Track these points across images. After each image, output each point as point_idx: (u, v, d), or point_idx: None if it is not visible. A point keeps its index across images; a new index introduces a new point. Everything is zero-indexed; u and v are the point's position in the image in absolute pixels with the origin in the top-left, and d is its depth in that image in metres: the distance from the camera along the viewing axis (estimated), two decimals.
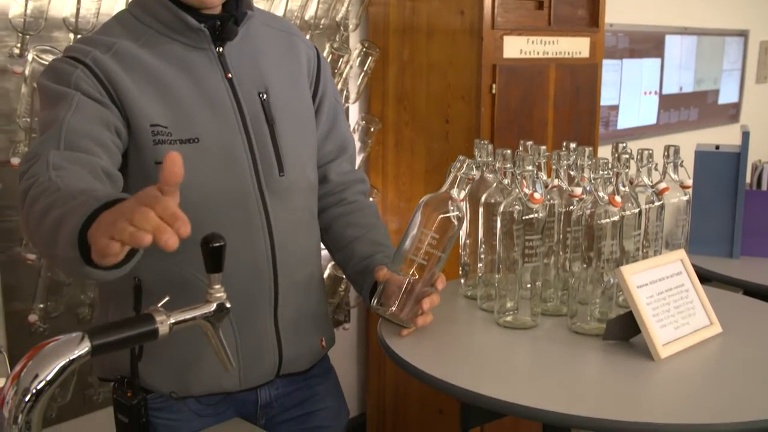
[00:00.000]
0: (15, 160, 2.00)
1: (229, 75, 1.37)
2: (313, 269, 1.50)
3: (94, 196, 1.01)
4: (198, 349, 1.35)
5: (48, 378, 0.79)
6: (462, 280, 1.70)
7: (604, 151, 1.56)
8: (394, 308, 1.37)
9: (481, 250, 1.59)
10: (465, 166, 1.38)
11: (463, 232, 1.66)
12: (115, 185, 1.23)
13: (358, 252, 1.51)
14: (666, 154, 1.67)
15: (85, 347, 0.82)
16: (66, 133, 1.19)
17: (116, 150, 1.26)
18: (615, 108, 4.10)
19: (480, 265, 1.60)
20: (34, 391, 0.79)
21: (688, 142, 2.05)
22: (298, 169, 1.43)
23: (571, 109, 2.99)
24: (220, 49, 1.37)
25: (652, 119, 4.42)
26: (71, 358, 0.81)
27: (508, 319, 1.50)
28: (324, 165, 1.56)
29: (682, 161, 1.68)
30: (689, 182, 1.70)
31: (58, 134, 1.19)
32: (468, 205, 1.63)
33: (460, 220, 1.38)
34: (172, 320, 0.89)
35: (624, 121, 4.18)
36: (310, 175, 1.49)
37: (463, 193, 1.41)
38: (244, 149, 1.35)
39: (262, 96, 1.40)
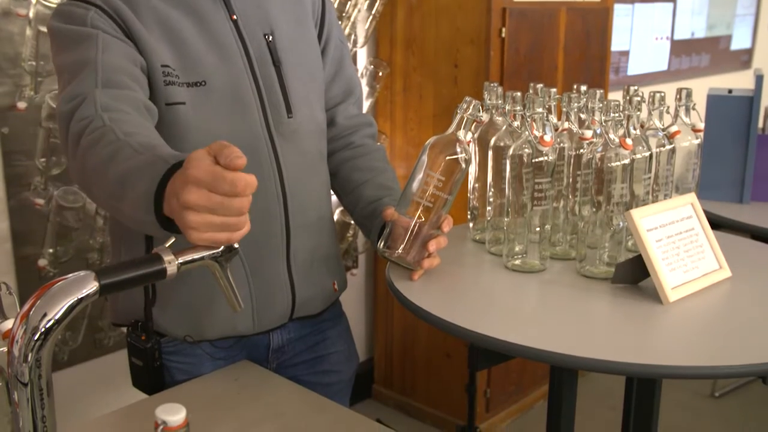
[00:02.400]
0: (21, 105, 1.99)
1: (234, 17, 1.35)
2: (324, 211, 1.50)
3: (161, 156, 1.00)
4: (212, 293, 1.35)
5: (57, 317, 0.79)
6: (470, 224, 1.69)
7: (615, 97, 1.54)
8: (400, 251, 1.37)
9: (490, 193, 1.58)
10: (471, 107, 1.36)
11: (471, 176, 1.65)
12: (154, 120, 1.24)
13: (366, 196, 1.50)
14: (678, 97, 1.65)
15: (93, 286, 0.82)
16: (102, 71, 1.19)
17: (146, 85, 1.26)
18: (626, 54, 4.04)
19: (488, 208, 1.59)
20: (43, 329, 0.79)
21: (700, 88, 2.02)
22: (306, 110, 1.42)
23: (581, 54, 2.95)
24: None
25: (663, 65, 4.37)
26: (79, 296, 0.81)
27: (517, 262, 1.50)
28: (331, 108, 1.55)
29: (694, 104, 1.66)
30: (701, 126, 1.68)
31: (94, 73, 1.18)
32: (477, 149, 1.61)
33: (467, 161, 1.37)
34: (181, 260, 0.89)
35: (634, 67, 4.13)
36: (318, 117, 1.48)
37: (469, 135, 1.39)
38: (251, 91, 1.35)
39: (268, 37, 1.38)
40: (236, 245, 0.94)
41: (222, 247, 0.93)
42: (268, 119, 1.36)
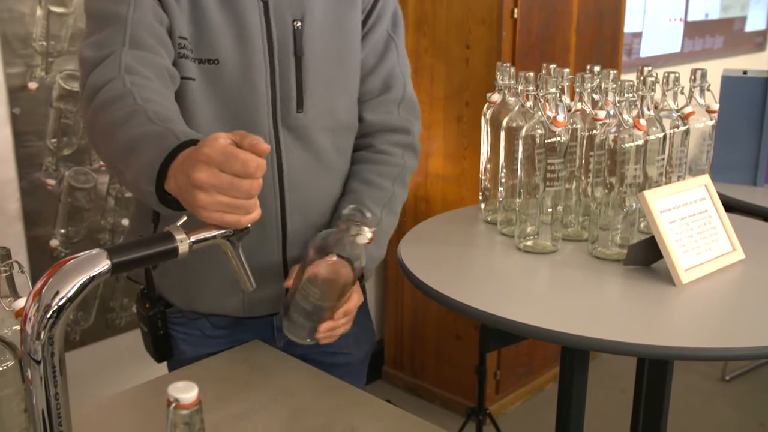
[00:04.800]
0: (32, 85, 1.99)
1: None
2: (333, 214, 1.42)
3: (173, 131, 0.99)
4: (205, 267, 1.35)
5: (69, 294, 0.79)
6: (482, 205, 1.69)
7: (627, 79, 1.53)
8: (308, 340, 1.27)
9: (502, 174, 1.57)
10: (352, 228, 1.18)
11: (483, 157, 1.64)
12: (175, 86, 1.23)
13: (341, 210, 1.36)
14: (693, 77, 1.63)
15: (105, 264, 0.82)
16: (131, 30, 1.18)
17: (172, 48, 1.24)
18: (638, 35, 4.01)
19: (500, 189, 1.58)
20: (55, 307, 0.79)
21: (713, 70, 2.00)
22: (323, 106, 1.35)
23: (594, 34, 2.93)
24: None
25: (676, 47, 4.33)
26: (92, 275, 0.81)
27: (529, 243, 1.49)
28: (362, 103, 1.44)
29: (708, 85, 1.64)
30: (716, 107, 1.66)
31: (123, 30, 1.18)
32: (489, 129, 1.61)
33: (354, 270, 1.20)
34: (192, 239, 0.88)
35: (647, 49, 4.09)
36: (342, 116, 1.39)
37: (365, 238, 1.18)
38: (265, 79, 1.29)
39: (296, 24, 1.31)
40: (248, 225, 0.94)
41: None
42: (276, 110, 1.31)
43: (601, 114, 1.51)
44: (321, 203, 1.40)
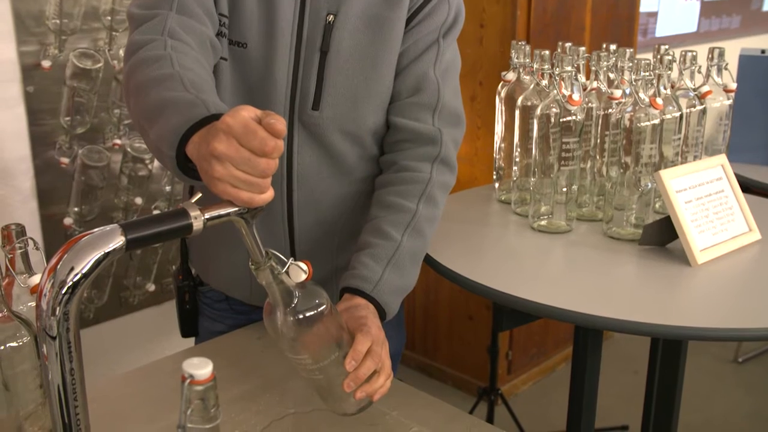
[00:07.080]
0: (46, 63, 1.99)
1: None
2: (348, 218, 1.36)
3: (204, 101, 0.99)
4: (217, 246, 1.36)
5: (84, 270, 0.79)
6: (496, 185, 1.68)
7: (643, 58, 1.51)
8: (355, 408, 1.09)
9: (516, 153, 1.56)
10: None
11: (497, 136, 1.63)
12: (216, 57, 1.23)
13: (360, 238, 1.28)
14: (710, 56, 1.62)
15: (119, 241, 0.81)
16: None
17: (217, 21, 1.24)
18: (654, 15, 3.97)
19: (515, 169, 1.58)
20: (70, 283, 0.79)
21: (730, 50, 1.97)
22: (343, 107, 1.27)
23: (609, 13, 2.90)
24: None
25: (692, 27, 4.29)
26: (106, 251, 0.80)
27: (543, 223, 1.49)
28: (390, 104, 1.32)
29: (726, 64, 1.63)
30: (733, 86, 1.65)
31: None
32: (504, 108, 1.60)
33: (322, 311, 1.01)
34: (207, 216, 0.88)
35: (663, 29, 4.05)
36: (366, 119, 1.30)
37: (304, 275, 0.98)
38: (287, 71, 1.26)
39: (329, 17, 1.25)
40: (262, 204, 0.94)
41: None
42: (294, 105, 1.28)
43: (617, 93, 1.50)
44: (331, 202, 1.35)
